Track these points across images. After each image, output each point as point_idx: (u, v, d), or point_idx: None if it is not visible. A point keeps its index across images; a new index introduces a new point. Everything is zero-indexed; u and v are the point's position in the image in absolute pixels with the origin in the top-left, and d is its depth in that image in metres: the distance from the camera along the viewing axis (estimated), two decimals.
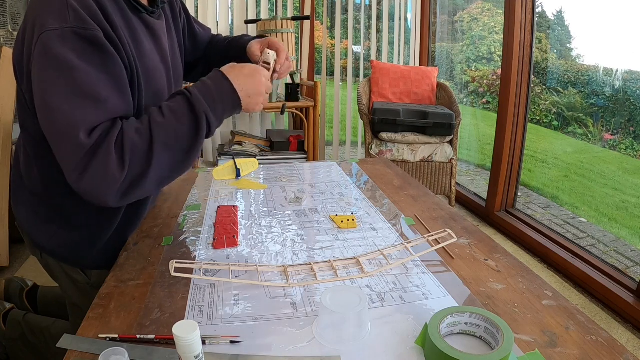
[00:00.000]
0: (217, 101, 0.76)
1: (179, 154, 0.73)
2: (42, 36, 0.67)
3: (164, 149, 0.71)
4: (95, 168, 0.67)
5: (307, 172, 1.36)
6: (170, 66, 0.95)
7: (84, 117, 0.67)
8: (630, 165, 2.97)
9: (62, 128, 0.68)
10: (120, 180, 0.68)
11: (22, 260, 2.05)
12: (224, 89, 0.77)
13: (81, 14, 0.68)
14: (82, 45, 0.68)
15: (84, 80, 0.68)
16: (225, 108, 0.77)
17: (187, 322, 0.50)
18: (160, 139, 0.71)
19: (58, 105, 0.68)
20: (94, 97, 0.69)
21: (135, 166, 0.69)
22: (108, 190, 0.69)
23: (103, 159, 0.67)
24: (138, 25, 0.83)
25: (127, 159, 0.68)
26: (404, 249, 0.84)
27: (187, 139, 0.73)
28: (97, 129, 0.69)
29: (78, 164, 0.68)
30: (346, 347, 0.58)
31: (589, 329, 0.62)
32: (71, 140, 0.67)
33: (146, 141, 0.70)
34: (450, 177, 2.58)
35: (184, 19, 1.08)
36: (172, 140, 0.72)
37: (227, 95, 0.77)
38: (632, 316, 1.64)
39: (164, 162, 0.72)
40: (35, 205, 0.91)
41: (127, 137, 0.69)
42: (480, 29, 4.31)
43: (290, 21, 2.63)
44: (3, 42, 2.17)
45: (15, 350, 1.22)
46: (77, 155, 0.67)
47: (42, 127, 0.73)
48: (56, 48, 0.67)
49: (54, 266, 0.97)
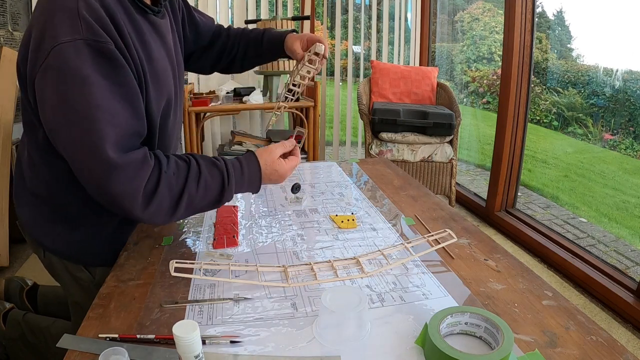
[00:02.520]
0: (243, 188, 0.85)
1: (194, 213, 0.83)
2: (55, 48, 0.67)
3: (185, 213, 0.79)
4: (120, 196, 0.72)
5: (307, 172, 1.36)
6: (175, 64, 0.95)
7: (105, 132, 0.69)
8: (630, 165, 2.97)
9: (84, 142, 0.69)
10: (139, 216, 0.75)
11: (22, 260, 2.05)
12: (253, 182, 0.85)
13: (93, 25, 0.68)
14: (96, 57, 0.69)
15: (102, 95, 0.69)
16: (245, 192, 0.87)
17: (187, 322, 0.50)
18: (186, 205, 0.77)
19: (76, 120, 0.68)
20: (112, 112, 0.70)
21: (154, 215, 0.75)
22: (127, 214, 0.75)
23: (129, 196, 0.72)
24: (145, 26, 0.83)
25: (151, 209, 0.74)
26: (404, 249, 0.84)
27: (204, 209, 0.83)
28: (129, 154, 0.72)
29: (101, 179, 0.70)
30: (346, 347, 0.58)
31: (589, 329, 0.62)
32: (95, 155, 0.69)
33: (174, 203, 0.76)
34: (450, 177, 2.58)
35: (182, 9, 1.07)
36: (194, 209, 0.80)
37: (253, 186, 0.86)
38: (632, 316, 1.64)
39: (181, 216, 0.79)
40: (38, 206, 0.91)
41: (160, 192, 0.74)
42: (481, 28, 4.31)
43: (290, 21, 2.63)
44: (3, 42, 2.17)
45: (15, 350, 1.22)
46: (101, 171, 0.70)
47: (55, 137, 0.73)
48: (71, 61, 0.67)
49: (57, 264, 0.97)
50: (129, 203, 0.72)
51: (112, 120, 0.70)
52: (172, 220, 0.79)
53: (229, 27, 1.20)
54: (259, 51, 1.14)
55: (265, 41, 1.11)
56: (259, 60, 1.18)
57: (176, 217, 0.78)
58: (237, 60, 1.18)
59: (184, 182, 0.76)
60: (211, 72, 1.26)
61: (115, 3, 0.75)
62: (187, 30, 1.10)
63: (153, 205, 0.73)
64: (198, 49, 1.17)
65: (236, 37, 1.17)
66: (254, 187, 0.85)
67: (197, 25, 1.12)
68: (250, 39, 1.15)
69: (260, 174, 0.84)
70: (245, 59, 1.18)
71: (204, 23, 1.14)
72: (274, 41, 1.10)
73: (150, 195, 0.73)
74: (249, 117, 3.11)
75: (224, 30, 1.19)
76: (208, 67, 1.22)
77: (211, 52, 1.18)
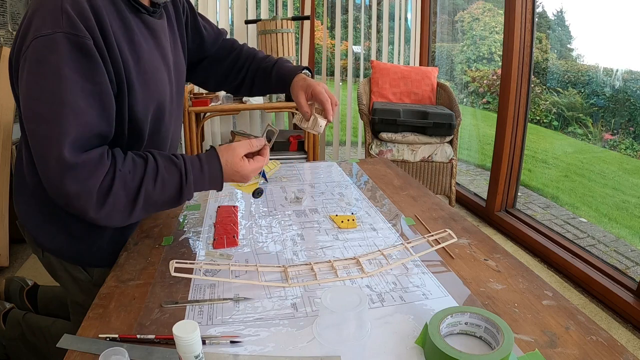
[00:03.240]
0: (204, 186, 0.82)
1: (152, 212, 0.81)
2: (34, 41, 0.67)
3: (142, 212, 0.76)
4: (73, 196, 0.70)
5: (307, 172, 1.36)
6: (171, 66, 0.94)
7: (66, 128, 0.68)
8: (630, 165, 2.97)
9: (46, 136, 0.68)
10: (94, 217, 0.73)
11: (22, 260, 2.05)
12: (214, 181, 0.82)
13: (74, 19, 0.68)
14: (72, 51, 0.68)
15: (71, 90, 0.68)
16: (206, 190, 0.84)
17: (187, 322, 0.50)
18: (142, 203, 0.75)
19: (42, 113, 0.68)
20: (78, 110, 0.69)
21: (109, 215, 0.73)
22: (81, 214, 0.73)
23: (83, 196, 0.70)
24: (137, 26, 0.82)
25: (106, 208, 0.72)
26: (404, 249, 0.84)
27: (163, 207, 0.80)
28: (86, 154, 0.70)
29: (55, 178, 0.69)
30: (346, 347, 0.58)
31: (589, 329, 0.62)
32: (53, 152, 0.68)
33: (130, 201, 0.74)
34: (450, 177, 2.58)
35: (187, 15, 1.06)
36: (152, 208, 0.78)
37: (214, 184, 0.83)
38: (632, 316, 1.64)
39: (139, 216, 0.77)
40: (37, 205, 0.91)
41: (114, 192, 0.72)
42: (481, 28, 4.31)
43: (290, 21, 2.63)
44: (3, 42, 2.17)
45: (15, 350, 1.22)
46: (56, 169, 0.68)
47: (26, 130, 0.73)
48: (47, 53, 0.67)
49: (56, 264, 0.97)
50: (84, 203, 0.70)
51: (76, 119, 0.69)
52: (129, 221, 0.76)
53: (244, 45, 1.18)
54: (266, 83, 1.11)
55: (274, 74, 1.08)
56: (267, 90, 1.15)
57: (134, 217, 0.76)
58: (245, 86, 1.15)
59: (140, 179, 0.74)
60: (215, 90, 1.22)
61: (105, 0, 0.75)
62: (189, 35, 1.08)
63: (108, 205, 0.71)
64: (207, 59, 1.15)
65: (247, 60, 1.14)
66: (216, 185, 0.82)
67: (200, 33, 1.10)
68: (260, 68, 1.11)
69: (222, 172, 0.81)
70: (253, 87, 1.15)
71: (209, 32, 1.12)
72: (282, 78, 1.05)
73: (105, 194, 0.71)
74: (249, 117, 3.11)
75: (237, 48, 1.16)
76: (213, 82, 1.19)
77: (221, 66, 1.15)
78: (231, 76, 1.16)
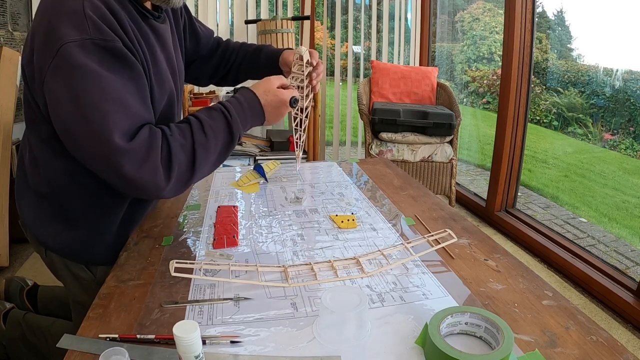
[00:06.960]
0: (248, 121, 0.86)
1: (216, 163, 0.84)
2: (62, 48, 0.67)
3: (205, 164, 0.80)
4: (143, 179, 0.72)
5: (307, 172, 1.36)
6: (175, 69, 0.97)
7: (116, 122, 0.70)
8: (630, 165, 2.97)
9: (98, 133, 0.69)
10: (166, 189, 0.76)
11: (22, 260, 2.05)
12: (254, 110, 0.86)
13: (100, 25, 0.69)
14: (104, 55, 0.70)
15: (113, 87, 0.70)
16: (253, 124, 0.88)
17: (187, 322, 0.50)
18: (202, 157, 0.78)
19: (89, 114, 0.69)
20: (124, 104, 0.71)
21: (179, 179, 0.77)
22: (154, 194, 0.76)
23: (150, 172, 0.72)
24: (148, 31, 0.85)
25: (173, 175, 0.75)
26: (404, 249, 0.84)
27: (223, 153, 0.83)
28: (138, 137, 0.72)
29: (118, 169, 0.71)
30: (346, 347, 0.58)
31: (589, 329, 0.62)
32: (106, 145, 0.69)
33: (190, 159, 0.77)
34: (450, 177, 2.58)
35: (184, 18, 1.08)
36: (212, 157, 0.81)
37: (256, 114, 0.87)
38: (632, 316, 1.64)
39: (203, 172, 0.81)
40: (40, 204, 0.91)
41: (175, 154, 0.75)
42: (481, 28, 4.30)
43: (290, 21, 2.63)
44: (3, 42, 2.17)
45: (15, 350, 1.22)
46: (113, 159, 0.70)
47: (67, 135, 0.74)
48: (80, 59, 0.68)
49: (58, 263, 0.97)
50: (153, 178, 0.73)
51: (125, 111, 0.71)
52: (197, 179, 0.80)
53: (228, 40, 1.23)
54: (254, 63, 1.16)
55: (262, 54, 1.14)
56: (253, 73, 1.19)
57: (200, 174, 0.79)
58: (232, 71, 1.20)
59: (190, 136, 0.77)
60: (208, 84, 1.28)
61: (118, 6, 0.76)
62: (187, 38, 1.12)
63: (174, 171, 0.74)
64: (198, 59, 1.19)
65: (234, 50, 1.20)
66: (257, 111, 0.86)
67: (197, 34, 1.14)
68: (249, 52, 1.18)
69: (258, 99, 0.86)
70: (240, 71, 1.20)
71: (204, 33, 1.17)
72: (270, 55, 1.12)
73: (168, 161, 0.74)
74: None
75: (223, 43, 1.22)
76: (206, 77, 1.24)
77: (210, 63, 1.20)
78: (221, 67, 1.21)
